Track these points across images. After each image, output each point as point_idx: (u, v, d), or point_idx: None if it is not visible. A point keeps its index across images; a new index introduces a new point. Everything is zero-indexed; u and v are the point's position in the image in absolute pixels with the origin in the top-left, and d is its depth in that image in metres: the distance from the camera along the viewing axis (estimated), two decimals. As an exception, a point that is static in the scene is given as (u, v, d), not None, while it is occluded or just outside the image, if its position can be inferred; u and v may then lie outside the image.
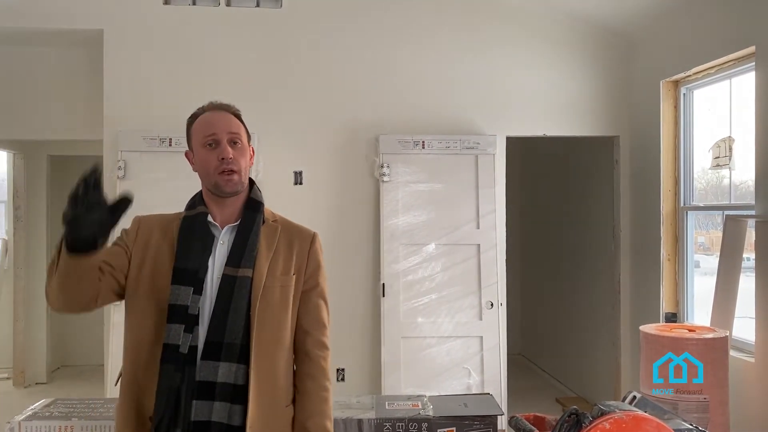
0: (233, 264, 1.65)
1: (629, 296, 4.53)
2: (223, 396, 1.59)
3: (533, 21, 4.47)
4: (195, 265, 1.64)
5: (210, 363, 1.59)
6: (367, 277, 4.32)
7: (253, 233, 1.69)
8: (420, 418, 2.21)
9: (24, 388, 5.88)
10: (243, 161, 1.70)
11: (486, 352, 4.18)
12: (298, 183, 4.30)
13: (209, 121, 1.70)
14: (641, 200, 4.40)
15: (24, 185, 5.96)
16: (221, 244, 1.69)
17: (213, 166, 1.67)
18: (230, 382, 1.59)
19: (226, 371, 1.59)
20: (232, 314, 1.62)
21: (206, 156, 1.68)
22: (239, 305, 1.63)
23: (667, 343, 3.09)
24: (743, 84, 3.61)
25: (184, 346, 1.59)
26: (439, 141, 4.28)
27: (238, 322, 1.62)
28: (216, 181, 1.67)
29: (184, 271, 1.63)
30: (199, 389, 1.58)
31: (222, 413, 1.58)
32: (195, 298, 1.61)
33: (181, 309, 1.60)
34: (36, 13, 4.22)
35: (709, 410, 2.99)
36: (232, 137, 1.69)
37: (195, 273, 1.63)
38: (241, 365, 1.61)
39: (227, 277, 1.64)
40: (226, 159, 1.66)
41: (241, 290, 1.63)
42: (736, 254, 3.39)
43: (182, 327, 1.59)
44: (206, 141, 1.68)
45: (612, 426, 1.69)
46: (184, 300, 1.61)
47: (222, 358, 1.60)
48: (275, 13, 4.36)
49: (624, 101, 4.53)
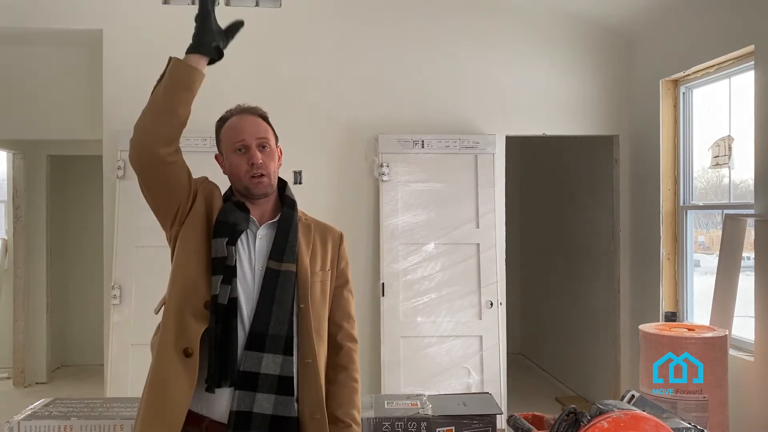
0: (276, 258, 1.71)
1: (629, 295, 4.53)
2: (267, 388, 1.63)
3: (533, 20, 4.47)
4: (235, 220, 1.71)
5: (254, 354, 1.64)
6: (367, 276, 4.32)
7: (293, 229, 1.76)
8: (419, 417, 2.21)
9: (24, 388, 5.88)
10: (272, 164, 1.78)
11: (485, 352, 4.18)
12: (297, 182, 4.29)
13: (238, 127, 1.78)
14: (641, 199, 4.40)
15: (24, 185, 5.96)
16: (260, 238, 1.74)
17: (243, 170, 1.74)
18: (275, 374, 1.64)
19: (270, 362, 1.64)
20: (276, 307, 1.67)
21: (236, 161, 1.75)
22: (285, 298, 1.68)
23: (666, 342, 3.09)
24: (743, 83, 3.61)
25: (223, 298, 1.64)
26: (439, 140, 4.28)
27: (284, 315, 1.67)
28: (247, 185, 1.75)
29: (223, 224, 1.70)
30: (243, 379, 1.63)
31: (265, 405, 1.62)
32: (229, 249, 1.67)
33: (219, 261, 1.67)
34: (35, 13, 4.23)
35: (708, 409, 2.99)
36: (260, 142, 1.77)
37: (234, 226, 1.70)
38: (287, 357, 1.66)
39: (271, 271, 1.69)
40: (256, 164, 1.73)
41: (285, 284, 1.69)
42: (735, 253, 3.39)
43: (220, 278, 1.65)
44: (236, 147, 1.76)
45: (610, 425, 1.69)
46: (221, 252, 1.67)
47: (266, 349, 1.64)
48: (275, 13, 4.35)
49: (623, 100, 4.53)
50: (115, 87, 4.21)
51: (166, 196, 1.72)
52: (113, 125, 4.13)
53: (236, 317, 1.65)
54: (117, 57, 4.24)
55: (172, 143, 1.68)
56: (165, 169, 1.68)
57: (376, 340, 4.23)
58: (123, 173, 4.06)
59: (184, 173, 1.72)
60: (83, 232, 6.37)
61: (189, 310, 1.65)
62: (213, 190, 1.80)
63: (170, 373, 1.62)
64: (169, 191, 1.71)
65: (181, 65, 1.68)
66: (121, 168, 4.06)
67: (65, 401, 2.38)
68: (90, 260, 6.11)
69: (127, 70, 4.23)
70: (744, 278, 3.38)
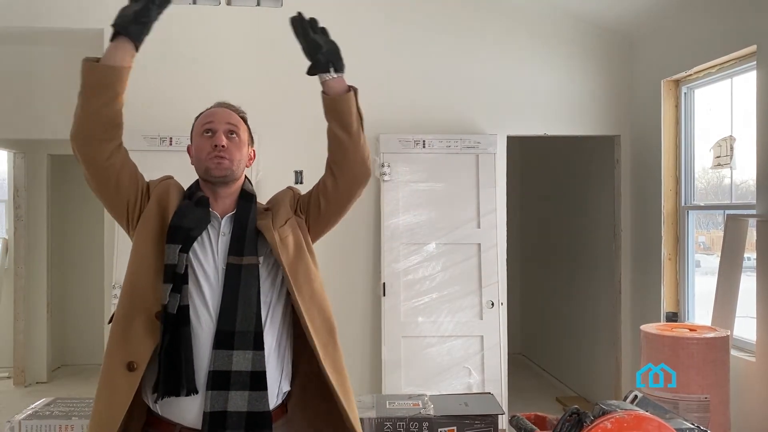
0: (236, 253, 1.65)
1: (630, 296, 4.52)
2: (240, 385, 1.58)
3: (534, 20, 4.46)
4: (190, 224, 1.64)
5: (223, 352, 1.59)
6: (368, 276, 4.32)
7: (251, 220, 1.70)
8: (421, 417, 2.21)
9: (24, 388, 5.88)
10: (237, 153, 1.72)
11: (486, 352, 4.18)
12: (298, 182, 4.29)
13: (210, 112, 1.74)
14: (642, 199, 4.40)
15: (24, 184, 5.95)
16: (223, 234, 1.69)
17: (206, 152, 1.69)
18: (247, 370, 1.59)
19: (241, 359, 1.59)
20: (242, 302, 1.62)
21: (201, 144, 1.71)
22: (250, 293, 1.63)
23: (667, 342, 3.09)
24: (744, 83, 3.60)
25: (172, 307, 1.58)
26: (440, 140, 4.27)
27: (250, 310, 1.62)
28: (207, 166, 1.69)
29: (178, 229, 1.64)
30: (214, 379, 1.58)
31: (240, 402, 1.57)
32: (181, 257, 1.61)
33: (170, 268, 1.60)
34: (36, 13, 4.22)
35: (709, 410, 2.99)
36: (229, 128, 1.72)
37: (188, 231, 1.63)
38: (258, 352, 1.61)
39: (232, 266, 1.64)
40: (219, 145, 1.68)
41: (248, 278, 1.64)
42: (737, 254, 3.39)
43: (170, 287, 1.59)
44: (203, 129, 1.71)
45: (613, 425, 1.69)
46: (172, 259, 1.61)
47: (236, 346, 1.60)
48: (276, 12, 4.35)
49: (625, 100, 4.53)
50: (116, 86, 4.20)
51: (110, 197, 1.68)
52: (114, 125, 4.11)
53: (188, 325, 1.59)
54: (118, 56, 4.23)
55: (105, 144, 1.62)
56: (103, 172, 1.64)
57: (377, 340, 4.22)
58: (124, 173, 4.05)
59: (125, 175, 1.67)
60: (84, 231, 6.36)
61: (139, 321, 1.60)
62: (169, 189, 1.73)
63: (110, 388, 1.58)
64: (112, 193, 1.67)
65: (92, 68, 1.61)
66: (122, 167, 4.05)
67: (66, 401, 2.38)
68: (90, 260, 6.11)
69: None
70: (745, 279, 3.38)
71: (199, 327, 1.61)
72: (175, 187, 1.75)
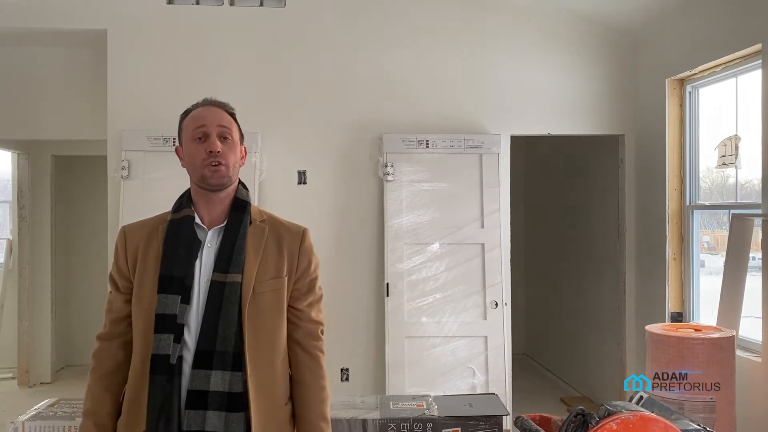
0: (221, 269, 1.61)
1: (634, 296, 4.51)
2: (217, 405, 1.56)
3: (538, 19, 4.45)
4: (181, 272, 1.60)
5: (201, 372, 1.56)
6: (371, 276, 4.31)
7: (240, 236, 1.64)
8: (425, 418, 2.20)
9: (28, 388, 5.89)
10: (232, 157, 1.67)
11: (490, 352, 4.17)
12: (301, 182, 4.29)
13: (199, 116, 1.68)
14: (646, 199, 4.38)
15: (28, 185, 5.97)
16: (208, 247, 1.64)
17: (200, 159, 1.63)
18: (224, 391, 1.56)
19: (219, 380, 1.56)
20: (222, 322, 1.58)
21: (195, 149, 1.65)
22: (230, 312, 1.59)
23: (673, 343, 3.08)
24: (749, 82, 3.59)
25: (173, 357, 1.56)
26: (443, 140, 4.26)
27: (230, 330, 1.58)
28: (202, 174, 1.63)
29: (170, 279, 1.60)
30: (190, 399, 1.55)
31: (217, 423, 1.55)
32: (183, 307, 1.58)
33: (170, 318, 1.57)
34: (40, 13, 4.23)
35: (715, 410, 2.98)
36: (222, 131, 1.66)
37: (182, 280, 1.60)
38: (236, 373, 1.58)
39: (216, 284, 1.60)
40: (214, 152, 1.63)
41: (231, 297, 1.60)
42: (742, 253, 3.37)
43: (171, 336, 1.56)
44: (196, 134, 1.65)
45: (619, 426, 1.68)
46: (171, 309, 1.58)
47: (214, 366, 1.57)
48: (279, 13, 4.35)
49: (629, 100, 4.52)
50: (119, 87, 4.21)
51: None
52: (117, 125, 4.12)
53: (181, 376, 1.60)
54: (122, 57, 4.24)
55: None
56: None
57: (381, 340, 4.22)
58: (127, 173, 4.05)
59: (128, 310, 1.68)
60: (88, 232, 6.37)
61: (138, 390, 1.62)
62: (126, 243, 1.69)
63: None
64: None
65: None
66: (125, 168, 4.05)
67: (70, 401, 2.38)
68: (94, 260, 6.11)
69: (132, 70, 4.23)
70: (751, 278, 3.36)
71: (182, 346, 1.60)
72: (134, 236, 1.69)
